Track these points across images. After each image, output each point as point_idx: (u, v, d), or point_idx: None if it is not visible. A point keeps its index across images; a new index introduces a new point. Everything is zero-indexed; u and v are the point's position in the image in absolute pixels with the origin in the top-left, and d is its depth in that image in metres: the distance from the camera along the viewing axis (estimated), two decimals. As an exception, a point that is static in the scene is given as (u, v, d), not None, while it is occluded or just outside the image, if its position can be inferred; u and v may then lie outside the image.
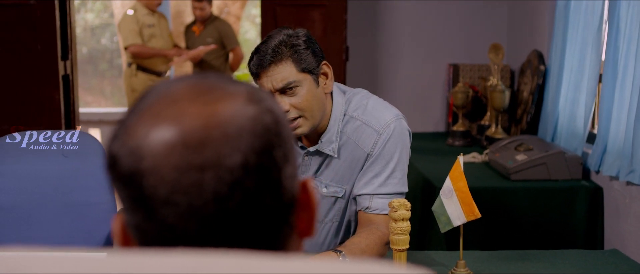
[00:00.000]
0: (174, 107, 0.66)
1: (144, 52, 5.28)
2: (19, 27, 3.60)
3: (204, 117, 0.65)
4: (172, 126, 0.65)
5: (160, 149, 0.64)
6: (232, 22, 7.54)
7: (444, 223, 1.83)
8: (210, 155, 0.64)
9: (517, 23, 3.94)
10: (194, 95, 0.67)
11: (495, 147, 3.10)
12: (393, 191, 1.97)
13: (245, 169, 0.65)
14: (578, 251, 2.04)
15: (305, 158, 2.05)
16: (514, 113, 3.59)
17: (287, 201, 0.70)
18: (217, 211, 0.64)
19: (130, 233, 0.70)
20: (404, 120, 2.01)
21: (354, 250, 1.82)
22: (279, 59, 1.86)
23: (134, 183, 0.65)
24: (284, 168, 0.69)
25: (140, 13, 5.35)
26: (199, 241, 0.65)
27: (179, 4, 7.28)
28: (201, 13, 5.57)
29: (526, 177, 2.81)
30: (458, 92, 3.58)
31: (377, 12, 4.06)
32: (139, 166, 0.65)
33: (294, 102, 1.88)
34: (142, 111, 0.68)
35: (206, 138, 0.64)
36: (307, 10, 3.65)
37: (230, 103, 0.67)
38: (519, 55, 3.79)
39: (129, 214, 0.67)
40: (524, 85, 3.53)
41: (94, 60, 9.85)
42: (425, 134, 4.01)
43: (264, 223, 0.68)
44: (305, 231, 0.74)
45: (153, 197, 0.64)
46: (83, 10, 9.91)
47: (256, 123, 0.67)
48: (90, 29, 9.89)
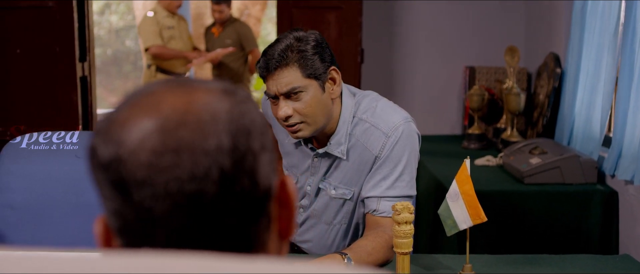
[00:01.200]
0: (152, 97, 0.69)
1: (164, 53, 5.32)
2: (38, 29, 3.64)
3: (180, 104, 0.67)
4: (150, 113, 0.67)
5: (138, 134, 0.66)
6: (253, 24, 7.57)
7: (450, 227, 1.82)
8: (186, 138, 0.66)
9: (534, 25, 3.91)
10: (172, 88, 0.70)
11: (509, 150, 3.08)
12: (401, 194, 1.96)
13: (221, 151, 0.66)
14: (588, 256, 2.02)
15: (314, 160, 2.05)
16: (531, 116, 3.56)
17: (264, 188, 0.70)
18: (193, 194, 0.65)
19: (111, 233, 0.71)
20: (413, 123, 2.00)
21: (360, 253, 1.82)
22: (285, 64, 1.86)
23: (112, 168, 0.67)
24: (261, 156, 0.70)
25: (160, 15, 5.39)
26: (176, 224, 0.66)
27: (199, 6, 7.32)
28: (220, 15, 5.60)
29: (540, 181, 2.79)
30: (474, 94, 3.56)
31: (393, 15, 4.05)
32: (118, 152, 0.66)
33: (298, 107, 1.88)
34: (121, 104, 0.70)
35: (182, 122, 0.66)
36: (322, 12, 3.65)
37: (206, 94, 0.69)
38: (536, 58, 3.76)
39: (108, 201, 0.69)
40: (540, 88, 3.50)
41: (118, 61, 9.94)
42: (441, 137, 3.99)
43: (241, 208, 0.68)
44: (286, 230, 0.75)
45: (131, 181, 0.66)
46: (108, 12, 10.02)
47: (232, 110, 0.69)
48: (114, 31, 9.99)
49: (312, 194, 2.09)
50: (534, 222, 2.75)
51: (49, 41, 3.64)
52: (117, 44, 9.96)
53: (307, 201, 2.12)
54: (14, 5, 3.61)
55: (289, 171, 2.18)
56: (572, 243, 2.72)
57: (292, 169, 2.17)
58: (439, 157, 3.38)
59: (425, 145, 3.64)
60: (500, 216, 2.77)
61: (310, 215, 2.13)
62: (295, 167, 2.15)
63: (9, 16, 3.62)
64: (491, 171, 3.08)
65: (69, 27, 3.64)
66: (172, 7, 5.43)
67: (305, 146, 2.06)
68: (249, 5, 7.70)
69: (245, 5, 7.70)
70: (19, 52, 3.64)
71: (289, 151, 2.16)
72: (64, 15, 3.62)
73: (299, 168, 2.13)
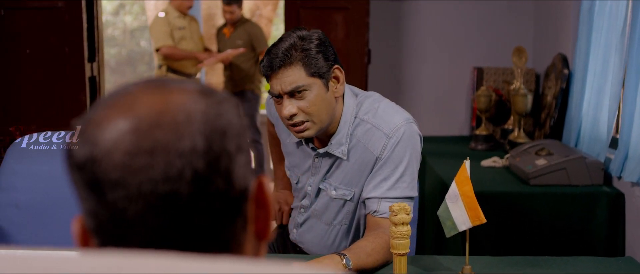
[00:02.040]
0: (128, 98, 0.69)
1: (175, 54, 5.34)
2: (47, 29, 3.67)
3: (155, 105, 0.68)
4: (125, 113, 0.67)
5: (113, 135, 0.66)
6: (264, 24, 7.58)
7: (450, 228, 1.81)
8: (160, 139, 0.66)
9: (543, 26, 3.89)
10: (148, 88, 0.70)
11: (516, 151, 3.07)
12: (401, 195, 1.96)
13: (195, 153, 0.66)
14: (591, 258, 2.00)
15: (315, 160, 2.05)
16: (538, 117, 3.54)
17: (239, 189, 0.71)
18: (167, 195, 0.66)
19: (88, 233, 0.71)
20: (415, 124, 2.00)
21: (359, 254, 1.82)
22: (289, 63, 1.86)
23: (87, 169, 0.67)
24: (237, 157, 0.70)
25: (172, 16, 5.41)
26: (150, 225, 0.66)
27: (210, 6, 7.34)
28: (231, 16, 5.61)
29: (546, 182, 2.78)
30: (481, 95, 3.55)
31: (401, 15, 4.05)
32: (93, 152, 0.67)
33: (302, 106, 1.89)
34: (98, 105, 0.71)
35: (156, 123, 0.66)
36: (329, 12, 3.65)
37: (183, 94, 0.70)
38: (544, 59, 3.74)
39: (84, 201, 0.69)
40: (548, 89, 3.48)
41: (132, 62, 9.99)
42: (449, 138, 3.98)
43: (215, 209, 0.69)
44: (263, 231, 0.75)
45: (104, 182, 0.66)
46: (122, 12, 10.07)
47: (208, 111, 0.69)
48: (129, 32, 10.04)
49: (312, 195, 2.09)
50: (539, 224, 2.74)
51: (58, 41, 3.67)
52: (131, 44, 10.01)
53: (308, 201, 2.12)
54: (24, 6, 3.64)
55: (291, 171, 2.19)
56: (578, 245, 2.71)
57: (293, 169, 2.17)
58: (445, 158, 3.37)
59: (432, 146, 3.66)
60: (505, 217, 2.76)
61: (310, 215, 2.13)
62: (296, 167, 2.15)
63: (19, 16, 3.65)
64: (497, 172, 3.06)
65: (78, 27, 3.66)
66: (183, 7, 5.44)
67: (306, 145, 2.07)
68: (260, 6, 7.71)
69: (257, 5, 7.72)
70: (28, 52, 3.67)
71: (291, 151, 2.16)
72: (73, 15, 3.65)
73: (300, 168, 2.13)
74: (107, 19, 9.76)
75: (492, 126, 3.71)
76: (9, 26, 3.65)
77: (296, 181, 2.17)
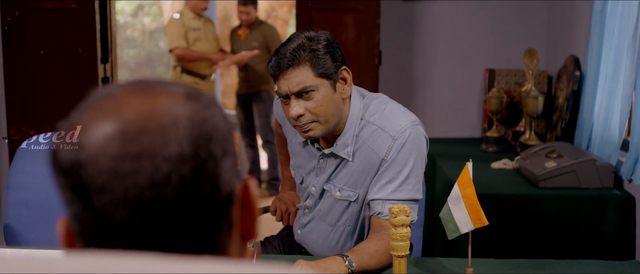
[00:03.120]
0: (114, 101, 0.69)
1: (188, 55, 5.37)
2: (61, 30, 3.70)
3: (142, 110, 0.68)
4: (111, 117, 0.67)
5: (99, 139, 0.67)
6: (280, 26, 7.60)
7: (452, 230, 1.81)
8: (146, 144, 0.66)
9: (556, 27, 3.86)
10: (134, 91, 0.70)
11: (526, 153, 3.05)
12: (406, 197, 1.95)
13: (181, 158, 0.67)
14: (596, 261, 1.98)
15: (320, 160, 2.05)
16: (550, 119, 3.52)
17: (225, 194, 0.71)
18: (153, 200, 0.66)
19: (73, 234, 0.71)
20: (421, 126, 1.99)
21: (362, 255, 1.82)
22: (296, 63, 1.87)
23: (73, 173, 0.67)
24: (222, 161, 0.70)
25: (186, 17, 5.44)
26: (135, 230, 0.66)
27: (226, 8, 7.37)
28: (247, 17, 5.63)
29: (555, 185, 2.76)
30: (492, 97, 3.53)
31: (413, 16, 4.04)
32: (79, 157, 0.67)
33: (309, 107, 1.89)
34: (84, 107, 0.71)
35: (143, 128, 0.66)
36: (341, 14, 3.65)
37: (169, 98, 0.69)
38: (556, 60, 3.72)
39: (69, 205, 0.69)
40: (559, 91, 3.46)
41: (151, 63, 10.05)
42: (461, 140, 3.96)
43: (201, 213, 0.69)
44: (248, 232, 0.75)
45: (91, 186, 0.66)
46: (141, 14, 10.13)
47: (194, 116, 0.69)
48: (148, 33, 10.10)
49: (316, 195, 2.10)
50: (548, 227, 2.72)
51: (72, 42, 3.70)
52: (150, 45, 10.07)
53: (311, 202, 2.12)
54: (38, 7, 3.68)
55: (295, 170, 2.19)
56: (588, 248, 2.69)
57: (298, 169, 2.17)
58: (456, 160, 3.36)
59: (443, 147, 3.65)
60: (514, 220, 2.74)
61: (314, 216, 2.14)
62: (301, 167, 2.15)
63: (33, 17, 3.68)
64: (507, 175, 3.05)
65: (91, 28, 3.69)
66: (198, 8, 5.47)
67: (312, 146, 2.07)
68: (276, 7, 7.73)
69: (273, 6, 7.73)
70: (42, 53, 3.70)
71: (296, 151, 2.16)
72: (86, 16, 3.68)
73: (304, 168, 2.13)
74: (126, 21, 9.83)
75: (503, 127, 3.70)
76: (23, 27, 3.68)
77: (300, 181, 2.17)
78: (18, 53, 3.70)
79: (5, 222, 2.33)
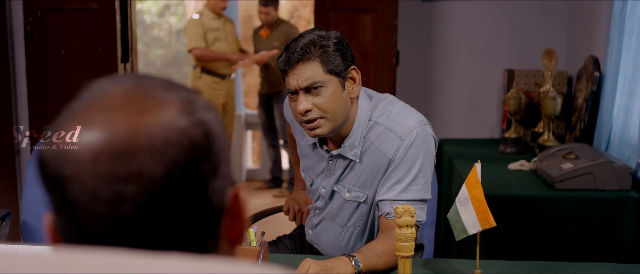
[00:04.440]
0: (103, 115, 0.67)
1: (206, 56, 5.41)
2: (82, 30, 3.74)
3: (131, 127, 0.65)
4: (99, 133, 0.65)
5: (85, 156, 0.65)
6: (303, 25, 7.60)
7: (459, 231, 1.80)
8: (133, 166, 0.64)
9: (576, 27, 3.82)
10: (126, 102, 0.67)
11: (543, 155, 3.02)
12: (415, 197, 1.95)
13: (168, 181, 0.65)
14: (608, 265, 1.96)
15: (329, 162, 2.06)
16: (570, 120, 3.49)
17: (213, 214, 0.70)
18: (138, 222, 0.65)
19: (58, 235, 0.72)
20: (429, 126, 1.98)
21: (369, 255, 1.81)
22: (307, 58, 1.88)
23: (58, 187, 0.66)
24: (211, 182, 0.69)
25: (206, 17, 5.47)
26: (120, 246, 0.65)
27: (248, 7, 7.39)
28: (267, 18, 5.65)
29: (571, 186, 2.73)
30: (510, 98, 3.51)
31: (431, 17, 4.02)
32: (63, 171, 0.65)
33: (317, 102, 1.89)
34: (73, 113, 0.69)
35: (131, 149, 0.65)
36: (359, 14, 3.65)
37: (161, 113, 0.67)
38: (576, 61, 3.68)
39: (55, 215, 0.68)
40: (579, 92, 3.42)
41: (177, 62, 10.11)
42: (480, 141, 3.94)
43: (188, 235, 0.68)
44: (236, 239, 0.75)
45: (75, 203, 0.65)
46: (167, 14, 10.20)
47: (184, 136, 0.67)
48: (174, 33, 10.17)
49: (326, 197, 2.10)
50: (564, 229, 2.69)
51: (93, 42, 3.74)
52: (177, 45, 10.14)
53: (322, 203, 2.12)
54: (60, 7, 3.72)
55: (305, 172, 2.19)
56: (604, 251, 2.65)
57: (308, 171, 2.17)
58: (473, 160, 3.31)
59: (461, 148, 3.63)
60: (529, 221, 2.72)
61: (325, 217, 2.14)
62: (311, 169, 2.16)
63: (55, 17, 3.73)
64: (524, 176, 3.02)
65: (111, 28, 3.73)
66: (218, 8, 5.49)
67: (320, 148, 2.07)
68: (299, 7, 7.74)
69: (295, 6, 7.75)
70: (63, 53, 3.75)
71: (306, 153, 2.17)
72: (107, 17, 3.72)
73: (314, 170, 2.14)
74: (153, 20, 9.90)
75: (522, 128, 3.67)
76: (45, 27, 3.73)
77: (310, 183, 2.18)
78: (40, 52, 3.75)
79: (23, 219, 2.36)
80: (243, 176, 6.39)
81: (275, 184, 5.99)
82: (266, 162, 6.16)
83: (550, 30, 3.94)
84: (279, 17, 5.79)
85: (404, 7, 3.91)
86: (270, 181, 6.03)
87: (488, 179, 2.93)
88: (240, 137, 6.31)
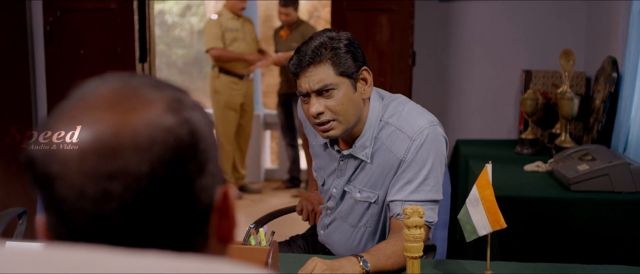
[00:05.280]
0: (90, 114, 0.68)
1: (223, 56, 5.43)
2: (101, 30, 3.77)
3: (116, 126, 0.66)
4: (86, 133, 0.66)
5: (71, 155, 0.66)
6: (322, 26, 7.61)
7: (470, 232, 1.79)
8: (118, 164, 0.65)
9: (594, 28, 3.78)
10: (112, 101, 0.68)
11: (559, 156, 3.00)
12: (426, 198, 1.94)
13: (153, 179, 0.66)
14: (621, 267, 1.95)
15: (340, 162, 2.06)
16: (588, 122, 3.46)
17: (200, 211, 0.71)
18: (124, 219, 0.66)
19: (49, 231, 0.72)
20: (440, 126, 1.98)
21: (378, 255, 1.81)
22: (318, 61, 1.88)
23: (46, 186, 0.67)
24: (197, 180, 0.69)
25: (225, 17, 5.49)
26: (108, 245, 0.66)
27: (268, 7, 7.41)
28: (286, 18, 5.66)
29: (587, 188, 2.70)
30: (527, 99, 3.49)
31: (448, 17, 4.01)
32: (51, 170, 0.67)
33: (330, 105, 1.89)
34: (61, 113, 0.70)
35: (116, 146, 0.65)
36: (375, 14, 3.64)
37: (147, 112, 0.68)
38: (595, 62, 3.65)
39: (46, 213, 0.69)
40: (597, 93, 3.39)
41: (199, 62, 10.16)
42: (497, 142, 3.92)
43: (174, 232, 0.69)
44: (227, 237, 0.75)
45: (63, 202, 0.66)
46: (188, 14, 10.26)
47: (169, 135, 0.67)
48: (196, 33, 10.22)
49: (337, 197, 2.10)
50: (579, 231, 2.67)
51: (111, 42, 3.77)
52: (199, 45, 10.20)
53: (333, 203, 2.13)
54: (79, 7, 3.76)
55: (317, 172, 2.20)
56: (619, 253, 2.62)
57: (319, 171, 2.18)
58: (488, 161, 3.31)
59: (477, 149, 3.61)
60: (545, 223, 2.70)
61: (336, 217, 2.14)
62: (322, 169, 2.16)
63: (74, 18, 3.77)
64: (539, 177, 3.00)
65: (129, 28, 3.76)
66: (237, 9, 5.51)
67: (332, 148, 2.07)
68: (318, 7, 7.75)
69: (315, 7, 7.75)
70: (82, 53, 3.78)
71: (318, 153, 2.17)
72: (125, 17, 3.75)
73: (326, 170, 2.14)
74: (174, 21, 9.96)
75: (539, 129, 3.64)
76: (65, 27, 3.77)
77: (322, 183, 2.18)
78: (59, 52, 3.79)
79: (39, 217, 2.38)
80: (262, 175, 6.41)
81: (294, 184, 6.00)
82: (285, 162, 6.17)
83: (568, 31, 3.91)
84: (299, 18, 5.79)
85: (421, 8, 3.90)
86: (288, 181, 6.05)
87: (503, 181, 2.92)
88: (259, 137, 6.33)
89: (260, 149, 6.34)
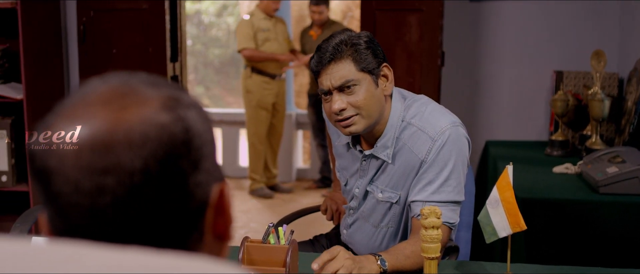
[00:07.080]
0: (87, 110, 0.70)
1: (255, 56, 5.47)
2: (133, 30, 3.82)
3: (111, 122, 0.68)
4: (83, 129, 0.68)
5: (68, 150, 0.68)
6: (355, 26, 7.60)
7: (490, 234, 1.79)
8: (112, 159, 0.67)
9: (628, 28, 3.72)
10: (109, 99, 0.70)
11: (589, 158, 2.96)
12: (447, 199, 1.94)
13: (146, 175, 0.67)
14: (643, 271, 1.91)
15: (363, 162, 2.06)
16: (619, 123, 3.40)
17: (194, 207, 0.72)
18: (118, 213, 0.67)
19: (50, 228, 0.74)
20: (462, 127, 1.97)
21: (397, 255, 1.81)
22: (339, 58, 1.89)
23: (43, 180, 0.69)
24: (192, 177, 0.70)
25: (257, 18, 5.52)
26: (103, 240, 0.67)
27: (301, 7, 7.43)
28: (319, 17, 5.67)
29: (616, 191, 2.67)
30: (557, 100, 3.44)
31: (478, 17, 3.97)
32: (48, 165, 0.69)
33: (352, 101, 1.90)
34: (60, 110, 0.72)
35: (110, 143, 0.67)
36: (404, 14, 3.63)
37: (142, 110, 0.69)
38: (628, 63, 3.59)
39: (45, 208, 0.71)
40: (629, 94, 3.34)
41: (235, 62, 10.23)
42: (527, 143, 3.87)
43: (169, 227, 0.70)
44: (223, 234, 0.76)
45: (59, 196, 0.68)
46: (225, 14, 10.33)
47: (163, 131, 0.68)
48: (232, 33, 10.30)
49: (360, 197, 2.10)
50: (607, 234, 2.63)
51: (143, 42, 3.82)
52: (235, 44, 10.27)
53: (355, 203, 2.13)
54: (112, 7, 3.82)
55: (340, 173, 2.20)
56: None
57: (342, 171, 2.19)
58: (518, 163, 3.27)
59: (507, 150, 3.58)
60: (572, 226, 2.67)
61: (358, 217, 2.15)
62: (345, 170, 2.17)
63: (107, 17, 3.82)
64: (568, 179, 2.97)
65: (161, 28, 3.80)
66: (270, 9, 5.54)
67: (354, 148, 2.08)
68: (352, 8, 7.74)
69: (348, 7, 7.75)
70: (115, 52, 3.84)
71: (341, 153, 2.18)
72: (157, 17, 3.79)
73: (348, 171, 2.15)
74: (211, 21, 10.04)
75: (570, 131, 3.60)
76: (98, 27, 3.83)
77: (345, 183, 2.19)
78: (92, 51, 3.85)
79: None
80: (293, 175, 6.43)
81: (325, 184, 6.01)
82: (316, 162, 6.19)
83: (600, 31, 3.85)
84: (330, 17, 5.80)
85: (451, 7, 3.88)
86: (319, 181, 6.06)
87: (531, 182, 2.89)
88: (291, 136, 6.35)
89: (292, 148, 6.36)
